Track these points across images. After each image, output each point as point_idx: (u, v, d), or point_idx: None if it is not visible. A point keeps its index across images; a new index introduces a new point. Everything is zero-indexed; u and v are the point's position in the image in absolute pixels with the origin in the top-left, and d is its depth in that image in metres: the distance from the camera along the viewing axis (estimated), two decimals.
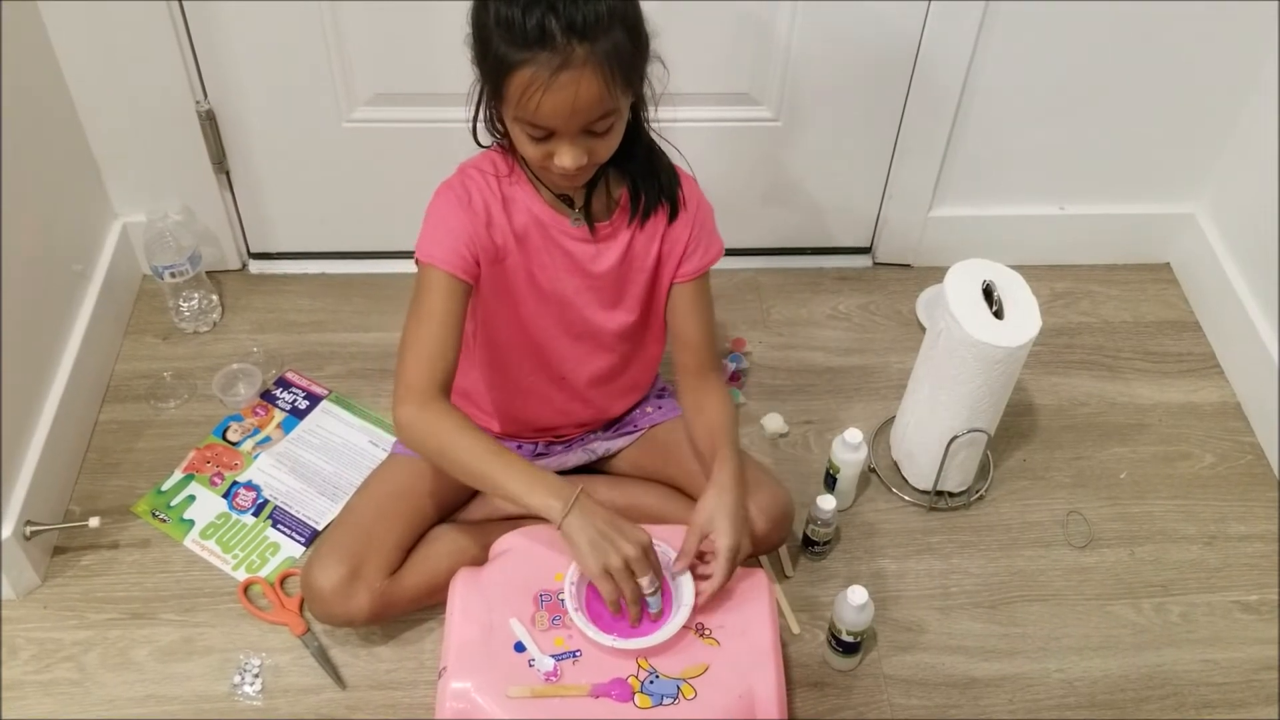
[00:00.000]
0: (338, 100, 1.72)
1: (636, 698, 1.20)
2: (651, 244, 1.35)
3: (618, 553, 1.17)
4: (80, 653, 1.42)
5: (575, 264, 1.33)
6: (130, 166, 1.77)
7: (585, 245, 1.32)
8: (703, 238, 1.37)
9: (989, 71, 1.74)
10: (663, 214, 1.34)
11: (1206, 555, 1.60)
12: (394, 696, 1.39)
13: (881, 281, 1.99)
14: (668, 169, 1.33)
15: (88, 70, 1.64)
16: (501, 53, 1.09)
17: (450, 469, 1.24)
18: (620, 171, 1.30)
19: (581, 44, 1.07)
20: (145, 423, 1.68)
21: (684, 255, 1.36)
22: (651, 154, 1.30)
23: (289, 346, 1.81)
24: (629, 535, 1.19)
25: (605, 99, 1.11)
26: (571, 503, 1.18)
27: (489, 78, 1.14)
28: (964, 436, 1.52)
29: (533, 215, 1.29)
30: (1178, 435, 1.77)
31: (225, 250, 1.90)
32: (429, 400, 1.22)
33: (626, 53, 1.11)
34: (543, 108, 1.09)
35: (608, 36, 1.08)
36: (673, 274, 1.37)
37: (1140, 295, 2.00)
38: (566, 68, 1.07)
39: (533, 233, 1.30)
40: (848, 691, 1.43)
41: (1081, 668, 1.47)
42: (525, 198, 1.29)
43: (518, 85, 1.09)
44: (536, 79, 1.08)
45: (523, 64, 1.08)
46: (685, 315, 1.39)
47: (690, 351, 1.41)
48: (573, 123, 1.12)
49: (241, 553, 1.53)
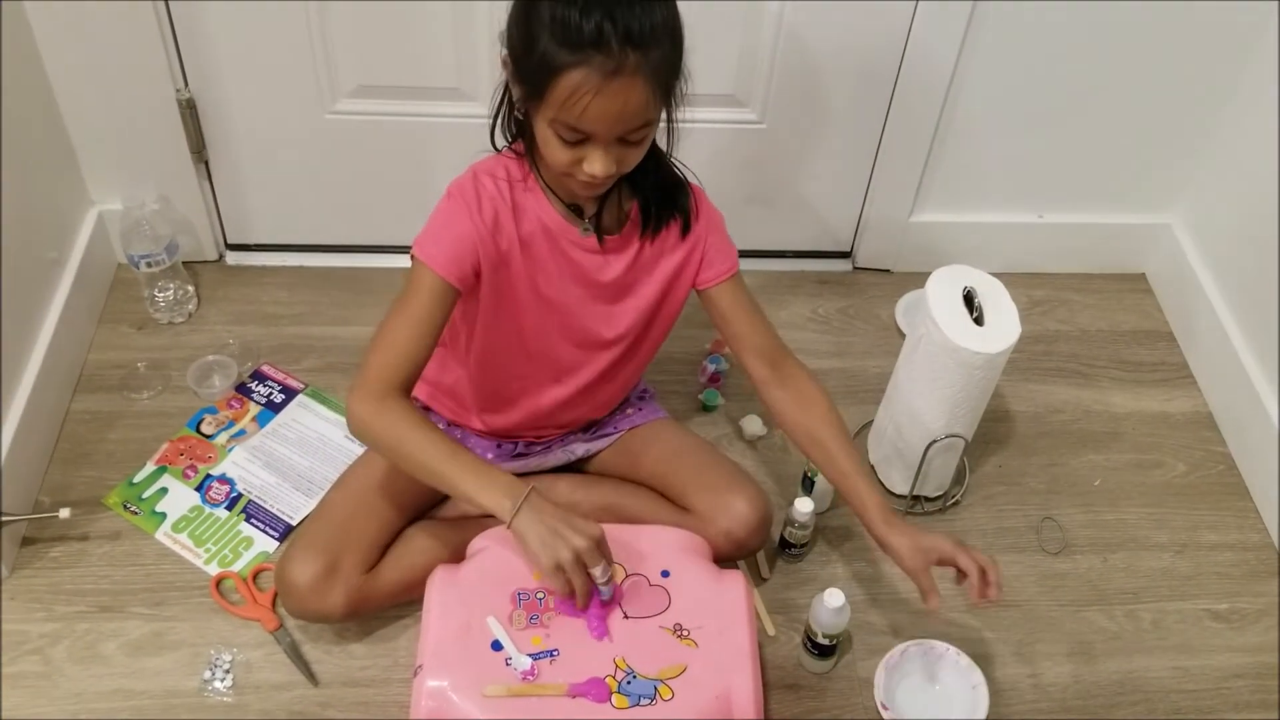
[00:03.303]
0: (320, 91, 1.70)
1: (614, 698, 1.19)
2: (661, 256, 1.35)
3: (568, 546, 1.17)
4: (47, 645, 1.40)
5: (581, 273, 1.32)
6: (108, 153, 1.75)
7: (593, 256, 1.32)
8: (718, 243, 1.37)
9: (972, 79, 1.75)
10: (674, 228, 1.34)
11: (1178, 563, 1.62)
12: (367, 694, 1.38)
13: (861, 286, 2.00)
14: (681, 184, 1.33)
15: (66, 55, 1.61)
16: (551, 53, 1.07)
17: (404, 465, 1.23)
18: (632, 185, 1.29)
19: (635, 52, 1.07)
20: (118, 413, 1.66)
21: (702, 263, 1.36)
22: (666, 169, 1.30)
23: (265, 339, 1.79)
24: (579, 529, 1.18)
25: (648, 109, 1.12)
26: (521, 501, 1.17)
27: (530, 77, 1.11)
28: (942, 441, 1.53)
29: (541, 223, 1.28)
30: (1151, 444, 1.78)
31: (202, 240, 1.88)
32: (388, 396, 1.21)
33: (672, 66, 1.13)
34: (589, 112, 1.09)
35: (659, 48, 1.09)
36: (691, 283, 1.37)
37: (1116, 304, 2.02)
38: (619, 75, 1.07)
39: (539, 240, 1.29)
40: (822, 694, 1.43)
41: (1053, 673, 1.48)
42: (535, 205, 1.28)
43: (566, 87, 1.08)
44: (588, 82, 1.07)
45: (574, 66, 1.06)
46: (734, 317, 1.38)
47: (753, 353, 1.39)
48: (614, 130, 1.12)
49: (214, 547, 1.51)
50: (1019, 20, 1.67)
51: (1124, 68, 1.76)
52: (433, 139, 1.75)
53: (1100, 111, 1.82)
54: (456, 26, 1.63)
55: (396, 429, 1.21)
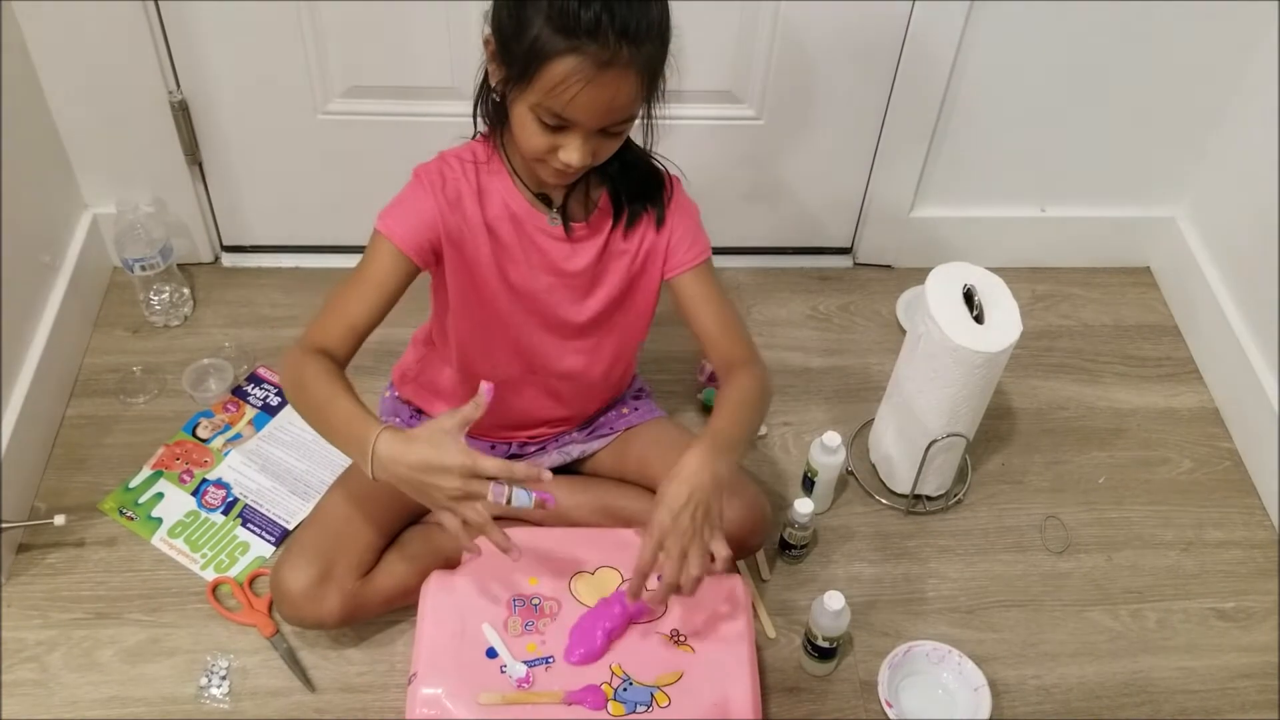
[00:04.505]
0: (313, 92, 1.69)
1: (610, 705, 1.19)
2: (631, 244, 1.33)
3: (437, 491, 1.10)
4: (44, 653, 1.39)
5: (549, 261, 1.31)
6: (101, 156, 1.74)
7: (560, 244, 1.31)
8: (687, 234, 1.34)
9: (972, 72, 1.73)
10: (649, 220, 1.32)
11: (1183, 561, 1.60)
12: (364, 700, 1.37)
13: (862, 282, 1.98)
14: (655, 172, 1.32)
15: (58, 58, 1.60)
16: (545, 38, 1.06)
17: (305, 416, 1.20)
18: (601, 174, 1.28)
19: (629, 46, 1.06)
20: (114, 418, 1.66)
21: (670, 250, 1.34)
22: (638, 157, 1.29)
23: (261, 341, 1.78)
24: (439, 469, 1.09)
25: (634, 104, 1.12)
26: (370, 460, 1.11)
27: (517, 61, 1.10)
28: (943, 440, 1.51)
29: (508, 209, 1.28)
30: (1156, 440, 1.76)
31: (197, 243, 1.87)
32: (310, 352, 1.19)
33: (659, 64, 1.13)
34: (578, 101, 1.08)
35: (650, 44, 1.09)
36: (660, 273, 1.36)
37: (1120, 299, 2.00)
38: (611, 67, 1.06)
39: (505, 226, 1.28)
40: (823, 697, 1.42)
41: (1057, 674, 1.46)
42: (502, 190, 1.27)
43: (557, 73, 1.07)
44: (579, 71, 1.06)
45: (567, 53, 1.06)
46: (696, 309, 1.34)
47: (712, 345, 1.35)
48: (598, 121, 1.12)
49: (210, 552, 1.51)
50: (1020, 11, 1.65)
51: (1127, 60, 1.74)
52: (427, 138, 1.72)
53: (1103, 104, 1.80)
54: (450, 25, 1.62)
55: (304, 375, 1.18)
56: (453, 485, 1.09)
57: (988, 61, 1.71)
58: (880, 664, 1.40)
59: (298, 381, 1.20)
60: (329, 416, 1.16)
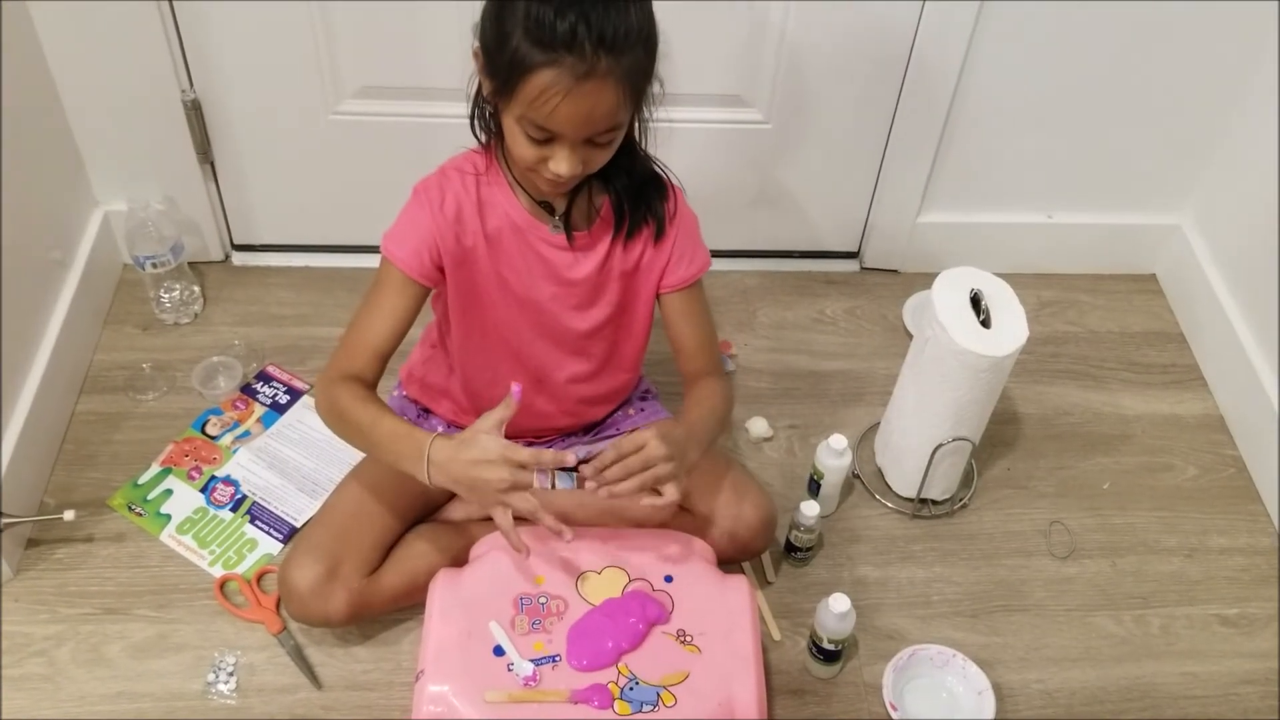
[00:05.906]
0: (324, 92, 1.70)
1: (616, 704, 1.19)
2: (632, 255, 1.34)
3: (490, 488, 1.14)
4: (52, 648, 1.40)
5: (550, 270, 1.32)
6: (113, 154, 1.75)
7: (562, 253, 1.31)
8: (687, 249, 1.36)
9: (980, 78, 1.73)
10: (648, 230, 1.33)
11: (1187, 568, 1.61)
12: (370, 698, 1.38)
13: (868, 286, 1.99)
14: (657, 186, 1.32)
15: (72, 56, 1.61)
16: (523, 51, 1.07)
17: (350, 440, 1.27)
18: (604, 182, 1.29)
19: (607, 56, 1.06)
20: (123, 414, 1.66)
21: (668, 266, 1.35)
22: (642, 170, 1.29)
23: (271, 340, 1.79)
24: (486, 465, 1.14)
25: (617, 113, 1.12)
26: (426, 465, 1.17)
27: (500, 73, 1.11)
28: (948, 445, 1.52)
29: (509, 219, 1.28)
30: (1161, 447, 1.77)
31: (208, 241, 1.88)
32: (339, 381, 1.25)
33: (643, 71, 1.12)
34: (558, 113, 1.08)
35: (631, 53, 1.08)
36: (657, 285, 1.37)
37: (1126, 305, 2.00)
38: (590, 78, 1.06)
39: (506, 236, 1.29)
40: (828, 699, 1.42)
41: (1061, 678, 1.46)
42: (503, 201, 1.28)
43: (536, 86, 1.07)
44: (558, 83, 1.06)
45: (545, 65, 1.06)
46: (677, 324, 1.39)
47: (685, 358, 1.41)
48: (581, 131, 1.12)
49: (218, 548, 1.51)
50: (1027, 18, 1.66)
51: (1133, 67, 1.75)
52: (437, 140, 1.73)
53: (1110, 111, 1.80)
54: (461, 26, 1.61)
55: (338, 409, 1.25)
56: (501, 476, 1.13)
57: (995, 68, 1.72)
58: (885, 667, 1.41)
59: (335, 411, 1.25)
60: (376, 437, 1.22)
